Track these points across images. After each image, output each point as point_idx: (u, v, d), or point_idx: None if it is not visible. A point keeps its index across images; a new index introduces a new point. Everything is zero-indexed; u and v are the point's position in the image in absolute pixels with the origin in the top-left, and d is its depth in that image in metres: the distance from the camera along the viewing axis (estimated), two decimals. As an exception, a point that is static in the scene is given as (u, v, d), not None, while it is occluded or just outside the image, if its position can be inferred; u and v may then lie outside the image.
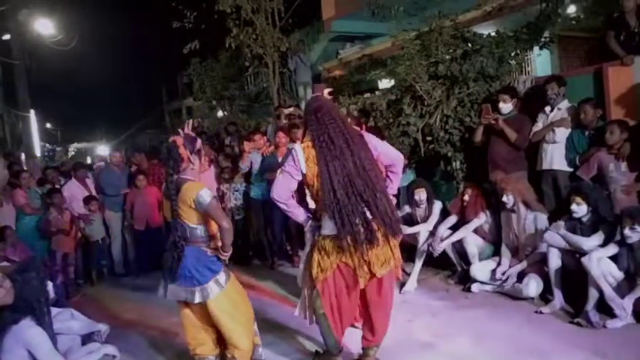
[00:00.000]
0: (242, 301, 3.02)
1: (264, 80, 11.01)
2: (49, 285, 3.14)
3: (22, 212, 5.63)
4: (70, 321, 3.44)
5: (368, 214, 2.76)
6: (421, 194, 4.79)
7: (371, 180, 2.78)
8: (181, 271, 2.81)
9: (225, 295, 2.89)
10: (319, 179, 2.79)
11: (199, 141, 2.99)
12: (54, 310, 3.18)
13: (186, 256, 2.81)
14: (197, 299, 2.82)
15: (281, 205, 2.93)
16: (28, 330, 2.71)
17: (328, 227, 2.83)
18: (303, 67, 10.05)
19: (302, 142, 2.99)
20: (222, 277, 2.90)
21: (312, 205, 3.11)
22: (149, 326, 4.23)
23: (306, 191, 3.03)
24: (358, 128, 3.83)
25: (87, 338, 3.46)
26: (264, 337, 3.68)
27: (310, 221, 2.99)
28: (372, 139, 3.00)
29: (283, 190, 2.90)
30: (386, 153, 3.03)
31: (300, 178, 2.88)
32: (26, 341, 2.70)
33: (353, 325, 3.52)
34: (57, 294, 4.24)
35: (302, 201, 3.09)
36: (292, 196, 2.96)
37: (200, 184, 2.84)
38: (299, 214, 2.99)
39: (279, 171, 2.98)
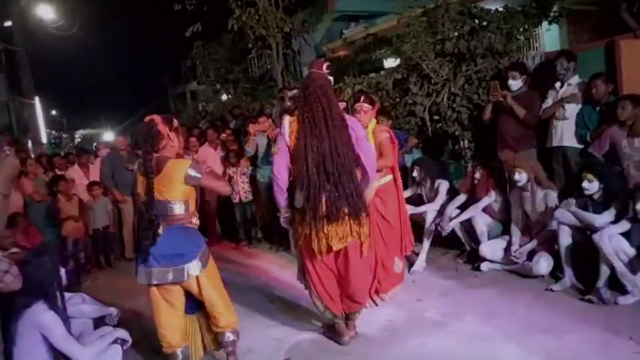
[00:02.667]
0: (219, 279, 3.03)
1: (267, 62, 10.89)
2: (62, 270, 3.16)
3: (31, 200, 5.66)
4: (81, 305, 3.48)
5: (335, 193, 2.95)
6: (415, 172, 4.84)
7: (342, 163, 2.95)
8: (165, 251, 2.75)
9: (210, 270, 2.92)
10: (296, 152, 2.98)
11: (175, 120, 2.99)
12: (65, 295, 3.20)
13: (171, 234, 2.77)
14: (186, 277, 2.78)
15: (278, 182, 3.07)
16: (41, 314, 2.73)
17: (298, 200, 3.01)
18: (307, 48, 9.93)
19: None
20: (206, 252, 2.91)
21: None
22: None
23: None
24: (370, 106, 3.81)
25: (99, 322, 3.49)
26: (273, 318, 3.76)
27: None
28: (357, 129, 3.10)
29: (282, 166, 3.05)
30: (364, 153, 3.11)
31: (287, 151, 3.04)
32: (40, 325, 2.72)
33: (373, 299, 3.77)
34: (68, 279, 4.27)
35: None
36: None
37: (185, 160, 2.90)
38: (282, 200, 3.11)
39: (274, 149, 3.17)
